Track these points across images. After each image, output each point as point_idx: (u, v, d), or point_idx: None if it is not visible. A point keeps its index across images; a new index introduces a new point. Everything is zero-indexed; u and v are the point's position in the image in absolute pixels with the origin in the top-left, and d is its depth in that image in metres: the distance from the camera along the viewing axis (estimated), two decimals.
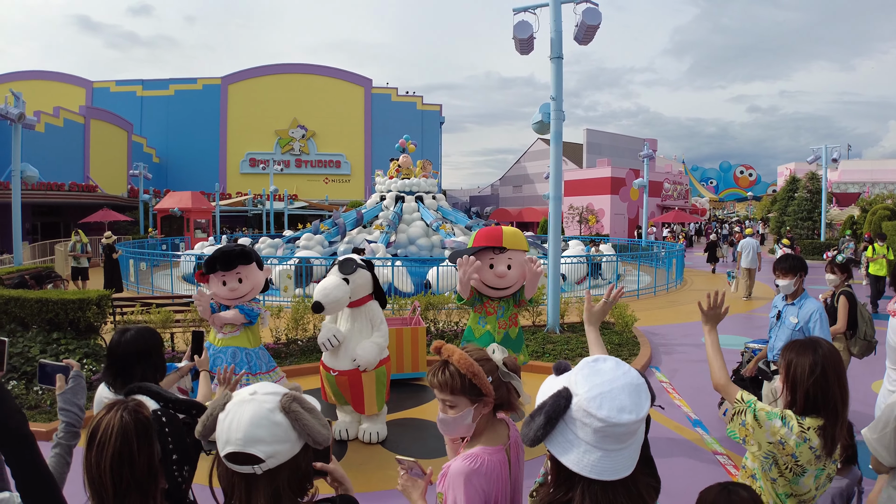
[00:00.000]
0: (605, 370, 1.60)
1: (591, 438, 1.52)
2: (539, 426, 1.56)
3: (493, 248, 5.62)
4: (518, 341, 5.98)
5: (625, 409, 1.50)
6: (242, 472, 1.57)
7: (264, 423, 1.56)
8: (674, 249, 20.53)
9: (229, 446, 1.55)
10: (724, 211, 68.84)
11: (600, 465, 1.51)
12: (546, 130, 10.78)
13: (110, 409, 1.72)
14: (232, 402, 1.62)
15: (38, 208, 32.28)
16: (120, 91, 54.33)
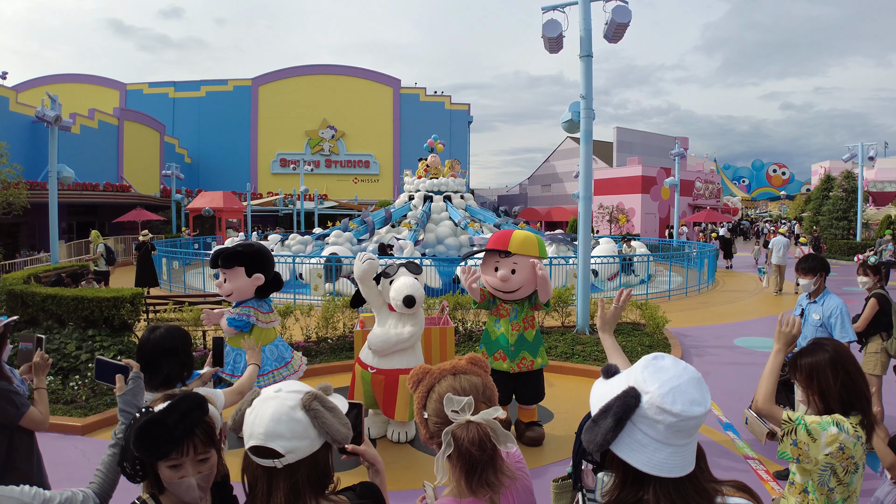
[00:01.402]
0: (668, 367, 1.58)
1: (662, 435, 1.50)
2: (608, 429, 1.53)
3: (499, 253, 5.71)
4: (535, 343, 6.00)
5: (696, 402, 1.50)
6: (265, 465, 1.65)
7: (284, 419, 1.63)
8: (705, 249, 20.28)
9: (252, 440, 1.64)
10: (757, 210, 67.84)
11: (670, 462, 1.50)
12: (576, 129, 10.70)
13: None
14: (258, 398, 1.71)
15: (73, 208, 32.89)
16: (152, 93, 55.20)
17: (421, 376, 1.96)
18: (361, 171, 56.18)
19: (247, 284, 5.53)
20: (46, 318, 8.58)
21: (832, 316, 5.25)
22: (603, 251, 18.28)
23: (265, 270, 5.62)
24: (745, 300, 16.37)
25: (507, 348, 5.93)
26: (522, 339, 5.89)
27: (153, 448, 1.73)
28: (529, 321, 5.99)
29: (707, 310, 14.72)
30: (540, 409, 7.27)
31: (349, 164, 56.16)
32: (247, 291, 5.56)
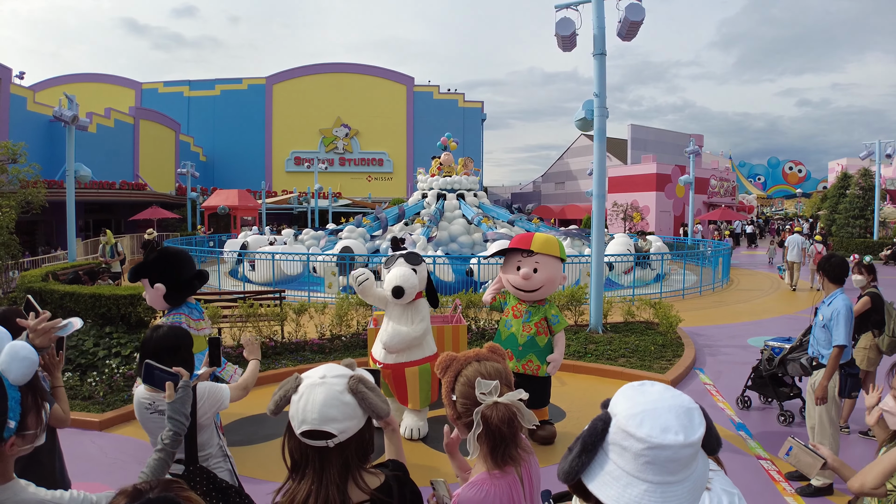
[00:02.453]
0: (649, 391, 1.39)
1: (632, 467, 1.29)
2: (574, 456, 1.36)
3: (522, 252, 5.80)
4: (545, 351, 5.99)
5: (669, 430, 1.27)
6: (316, 447, 1.78)
7: (336, 403, 1.78)
8: (720, 248, 20.17)
9: (305, 425, 1.76)
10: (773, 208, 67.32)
11: (646, 501, 1.27)
12: (589, 127, 10.70)
13: None
14: (304, 384, 1.83)
15: (90, 206, 33.22)
16: (168, 91, 55.64)
17: (448, 363, 2.12)
18: (375, 169, 56.33)
19: (153, 295, 5.27)
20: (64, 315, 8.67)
21: (833, 317, 5.22)
22: (618, 246, 18.24)
23: (169, 278, 5.29)
24: (759, 299, 16.29)
25: (516, 348, 5.97)
26: (533, 342, 5.90)
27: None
28: (543, 327, 5.99)
29: (721, 309, 14.66)
30: (551, 408, 7.29)
31: (363, 163, 56.34)
32: (157, 301, 5.30)
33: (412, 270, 5.89)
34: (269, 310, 9.80)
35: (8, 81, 29.03)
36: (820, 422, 5.26)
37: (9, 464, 1.79)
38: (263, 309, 9.75)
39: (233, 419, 6.93)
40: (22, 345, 1.85)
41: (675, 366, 8.68)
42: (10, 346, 1.82)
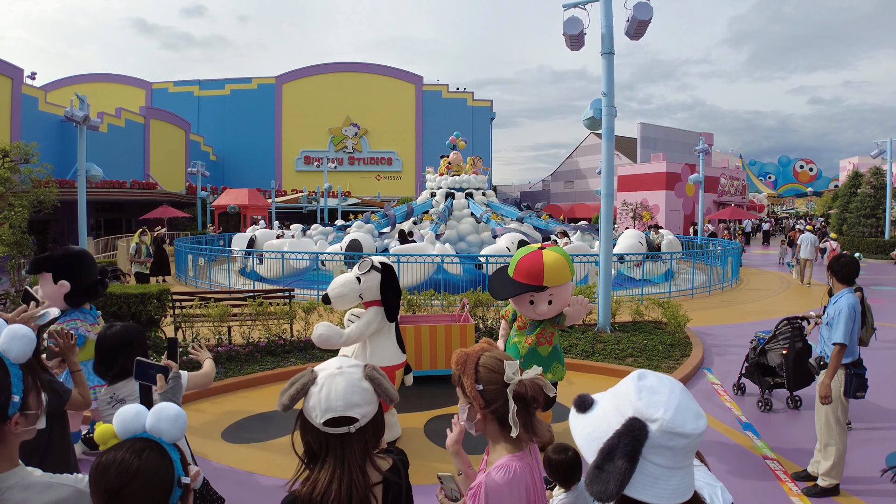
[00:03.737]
0: (657, 385, 1.46)
1: (672, 461, 1.39)
2: (622, 472, 1.37)
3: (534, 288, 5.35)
4: (548, 359, 5.75)
5: (699, 416, 1.41)
6: (336, 434, 1.87)
7: (357, 390, 1.90)
8: (730, 247, 20.12)
9: (330, 413, 1.84)
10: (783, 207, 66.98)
11: (683, 486, 1.41)
12: (597, 126, 10.70)
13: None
14: (321, 376, 1.92)
15: (101, 205, 33.44)
16: (178, 91, 55.99)
17: (465, 358, 2.23)
18: (384, 168, 56.45)
19: (53, 291, 5.11)
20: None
21: (835, 316, 5.22)
22: (628, 241, 18.22)
23: (74, 278, 5.17)
24: (768, 299, 16.24)
25: (517, 359, 5.70)
26: (534, 354, 5.67)
27: None
28: (546, 337, 5.72)
29: (730, 308, 14.62)
30: (558, 407, 7.30)
31: (372, 162, 56.48)
32: (55, 298, 5.11)
33: (356, 279, 5.67)
34: (279, 308, 9.86)
35: (20, 82, 29.27)
36: (826, 422, 5.24)
37: (14, 447, 1.83)
38: (273, 307, 9.80)
39: (240, 417, 6.99)
40: (19, 326, 1.90)
41: (683, 365, 8.68)
42: (8, 328, 1.88)
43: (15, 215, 10.46)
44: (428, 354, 8.10)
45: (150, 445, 1.57)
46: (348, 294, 5.66)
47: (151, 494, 1.52)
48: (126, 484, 1.49)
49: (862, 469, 5.64)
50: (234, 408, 7.30)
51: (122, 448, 1.55)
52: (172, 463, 1.58)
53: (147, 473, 1.52)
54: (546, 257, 5.32)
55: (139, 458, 1.53)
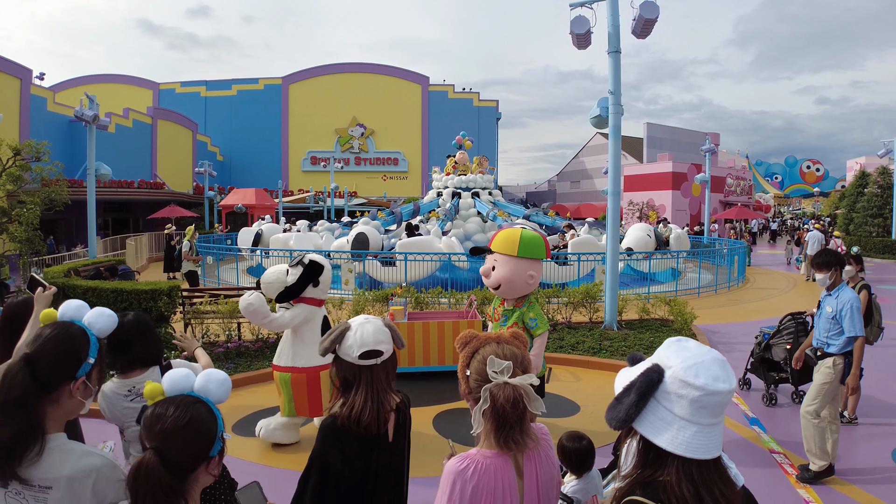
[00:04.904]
0: (692, 347, 1.58)
1: (687, 412, 1.49)
2: (631, 404, 1.53)
3: (489, 251, 5.64)
4: None
5: (719, 379, 1.49)
6: (368, 365, 2.47)
7: (381, 331, 2.54)
8: (736, 246, 20.12)
9: (365, 347, 2.46)
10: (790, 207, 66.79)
11: (696, 442, 1.48)
12: (604, 125, 10.74)
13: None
14: (355, 324, 2.55)
15: (108, 205, 33.61)
16: (185, 92, 56.22)
17: (468, 339, 2.22)
18: (390, 168, 56.56)
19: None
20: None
21: (843, 309, 5.35)
22: (636, 233, 18.23)
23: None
24: (775, 298, 16.23)
25: None
26: None
27: None
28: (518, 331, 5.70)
29: (736, 307, 14.63)
30: (566, 402, 7.36)
31: (378, 162, 56.59)
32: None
33: (286, 271, 5.73)
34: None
35: (28, 82, 29.46)
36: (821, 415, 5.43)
37: (64, 413, 1.98)
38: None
39: (251, 411, 7.06)
40: (105, 308, 2.25)
41: None
42: (96, 309, 2.20)
43: (27, 212, 10.56)
44: (436, 350, 8.17)
45: (200, 401, 1.77)
46: (274, 283, 5.67)
47: (198, 442, 1.70)
48: (179, 429, 1.67)
49: (867, 462, 5.70)
50: (245, 402, 7.37)
51: (175, 401, 1.74)
52: (216, 419, 1.77)
53: (196, 423, 1.71)
54: (511, 229, 5.60)
55: (191, 409, 1.73)
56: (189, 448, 1.69)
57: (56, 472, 1.82)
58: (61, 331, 2.04)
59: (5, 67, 27.88)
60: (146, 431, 1.69)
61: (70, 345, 2.00)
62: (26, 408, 1.84)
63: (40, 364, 1.91)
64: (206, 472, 1.74)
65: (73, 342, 2.02)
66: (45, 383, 1.91)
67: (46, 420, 1.90)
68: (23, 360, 1.91)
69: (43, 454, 1.82)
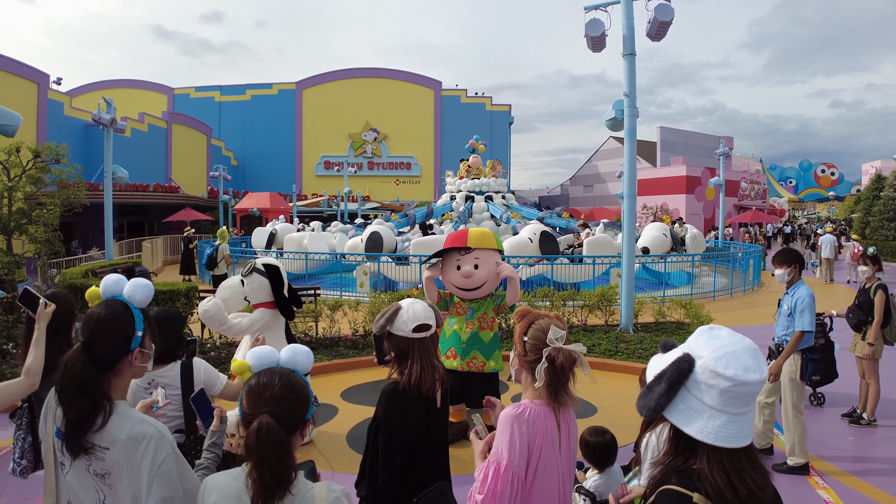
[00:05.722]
0: (724, 335, 1.59)
1: (717, 402, 1.51)
2: (661, 393, 1.55)
3: (459, 250, 5.61)
4: (490, 346, 5.74)
5: (750, 369, 1.50)
6: (419, 338, 2.90)
7: (429, 309, 2.97)
8: (750, 250, 20.04)
9: (417, 321, 2.88)
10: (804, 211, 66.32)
11: (726, 431, 1.50)
12: (619, 127, 10.74)
13: None
14: (405, 304, 2.97)
15: (124, 208, 33.86)
16: (199, 97, 56.59)
17: (525, 312, 2.55)
18: (403, 172, 56.68)
19: None
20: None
21: (797, 305, 5.48)
22: (652, 233, 18.20)
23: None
24: None
25: (459, 345, 5.73)
26: (476, 339, 5.68)
27: None
28: (487, 322, 5.77)
29: (752, 310, 14.57)
30: (583, 404, 7.34)
31: (391, 166, 56.73)
32: None
33: (240, 282, 5.70)
34: (305, 306, 9.98)
35: (46, 87, 29.75)
36: (785, 408, 5.65)
37: (127, 381, 2.21)
38: None
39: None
40: (142, 279, 2.34)
41: None
42: (132, 280, 2.32)
43: (47, 213, 10.68)
44: None
45: (294, 372, 1.99)
46: (231, 297, 5.62)
47: (301, 406, 1.91)
48: (287, 394, 1.88)
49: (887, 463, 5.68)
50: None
51: (276, 371, 1.95)
52: (308, 387, 2.00)
53: (299, 388, 1.93)
54: (471, 229, 5.80)
55: (292, 378, 1.94)
56: (295, 410, 1.89)
57: (114, 435, 2.02)
58: (108, 312, 2.17)
59: (23, 72, 28.18)
60: (254, 399, 1.87)
61: (118, 324, 2.16)
62: (88, 390, 2.04)
63: (96, 348, 2.10)
64: (300, 435, 1.93)
65: (120, 321, 2.17)
66: (105, 363, 2.10)
67: (111, 391, 2.11)
68: (80, 348, 2.10)
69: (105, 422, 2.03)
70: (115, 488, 2.04)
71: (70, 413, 2.03)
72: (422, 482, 2.88)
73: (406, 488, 2.85)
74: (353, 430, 6.39)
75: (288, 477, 1.80)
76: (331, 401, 7.48)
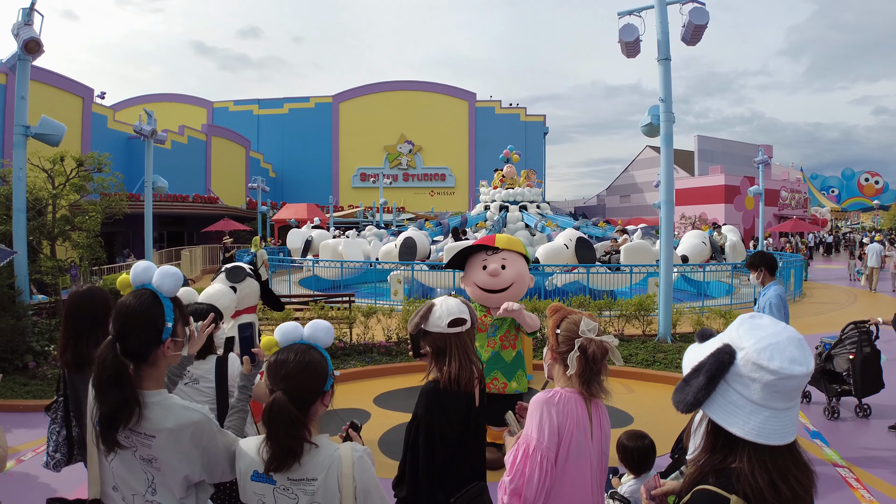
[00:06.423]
0: (766, 325, 1.49)
1: (759, 396, 1.41)
2: (699, 387, 1.45)
3: (486, 249, 5.50)
4: (513, 366, 5.42)
5: (796, 361, 1.40)
6: (456, 333, 2.86)
7: (462, 304, 2.95)
8: (791, 260, 19.63)
9: (452, 316, 2.85)
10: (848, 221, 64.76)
11: (768, 428, 1.40)
12: (655, 133, 10.62)
13: None
14: (438, 300, 2.97)
15: (164, 218, 34.44)
16: (238, 110, 57.59)
17: (558, 308, 2.61)
18: (437, 184, 56.84)
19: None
20: None
21: (765, 305, 5.62)
22: (691, 240, 17.93)
23: None
24: (834, 312, 15.72)
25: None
26: (497, 358, 5.38)
27: None
28: (510, 340, 5.45)
29: (794, 321, 14.13)
30: (618, 413, 7.24)
31: (426, 178, 56.94)
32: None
33: (230, 288, 5.34)
34: (339, 312, 10.04)
35: (90, 101, 30.52)
36: None
37: (162, 370, 2.24)
38: (333, 311, 9.99)
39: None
40: (169, 266, 2.34)
41: None
42: (160, 268, 2.30)
43: (89, 220, 10.92)
44: None
45: (312, 347, 2.14)
46: (228, 305, 5.29)
47: (316, 379, 2.08)
48: (301, 371, 2.04)
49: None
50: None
51: (293, 349, 2.11)
52: (327, 360, 2.15)
53: (314, 364, 2.08)
54: (500, 234, 5.86)
55: (307, 354, 2.09)
56: (308, 385, 2.05)
57: (159, 424, 2.09)
58: (137, 304, 2.19)
59: (69, 87, 28.95)
60: (272, 376, 2.05)
61: (147, 316, 2.18)
62: (120, 384, 2.09)
63: (128, 342, 2.14)
64: (321, 404, 2.12)
65: (150, 313, 2.18)
66: (138, 355, 2.15)
67: (145, 381, 2.16)
68: (111, 342, 2.16)
69: (143, 414, 2.08)
70: (163, 471, 2.12)
71: (103, 407, 2.08)
72: (459, 482, 2.85)
73: (444, 488, 2.83)
74: (385, 436, 6.35)
75: (295, 449, 1.98)
76: (364, 406, 7.49)
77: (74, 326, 3.32)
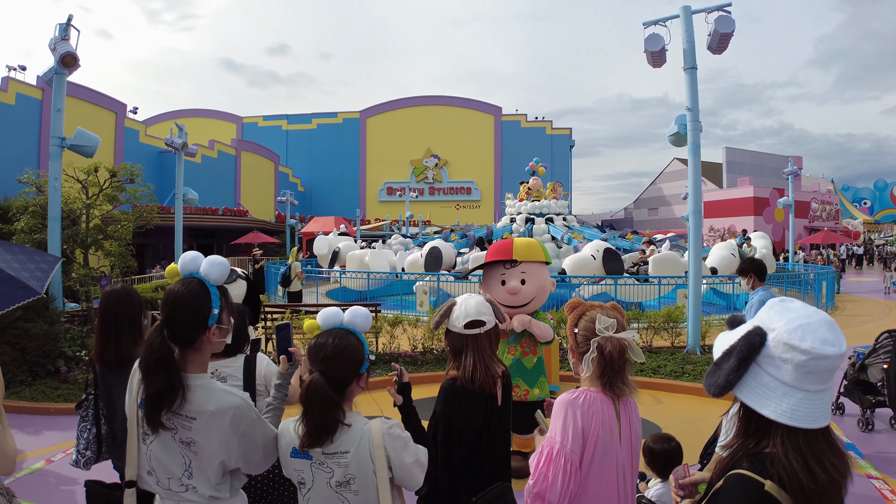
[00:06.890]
0: (797, 307, 1.49)
1: (791, 377, 1.41)
2: (731, 369, 1.45)
3: (504, 263, 5.19)
4: (534, 372, 5.26)
5: (828, 342, 1.40)
6: (473, 334, 2.83)
7: (484, 304, 2.92)
8: (823, 272, 19.28)
9: (469, 317, 2.83)
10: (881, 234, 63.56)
11: (801, 410, 1.40)
12: (683, 142, 10.55)
13: None
14: (459, 300, 2.95)
15: (194, 231, 34.97)
16: (267, 125, 58.37)
17: (576, 304, 2.59)
18: (463, 197, 56.94)
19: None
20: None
21: (751, 307, 5.79)
22: (720, 252, 17.74)
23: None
24: (868, 324, 15.39)
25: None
26: (518, 365, 5.19)
27: None
28: (531, 346, 5.25)
29: None
30: (647, 424, 7.15)
31: (451, 192, 57.07)
32: None
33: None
34: None
35: (123, 116, 31.20)
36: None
37: (206, 355, 2.32)
38: None
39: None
40: (216, 256, 2.40)
41: None
42: (208, 258, 2.37)
43: (121, 229, 11.13)
44: None
45: (350, 332, 2.28)
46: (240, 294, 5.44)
47: (353, 362, 2.22)
48: (339, 354, 2.19)
49: None
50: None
51: (332, 333, 2.26)
52: (363, 345, 2.29)
53: (350, 348, 2.22)
54: (516, 239, 5.49)
55: (345, 339, 2.24)
56: (345, 368, 2.19)
57: (201, 406, 2.17)
58: (185, 291, 2.26)
59: (102, 102, 29.65)
60: (311, 357, 2.20)
61: (195, 304, 2.25)
62: (166, 367, 2.17)
63: (175, 327, 2.22)
64: (357, 386, 2.26)
65: (197, 300, 2.25)
66: (185, 341, 2.23)
67: (189, 366, 2.24)
68: (159, 326, 2.24)
69: (186, 397, 2.16)
70: (201, 455, 2.19)
71: (149, 388, 2.16)
72: (482, 482, 2.83)
73: (466, 487, 2.82)
74: None
75: (329, 427, 2.12)
76: (388, 414, 7.49)
77: (116, 323, 3.37)
